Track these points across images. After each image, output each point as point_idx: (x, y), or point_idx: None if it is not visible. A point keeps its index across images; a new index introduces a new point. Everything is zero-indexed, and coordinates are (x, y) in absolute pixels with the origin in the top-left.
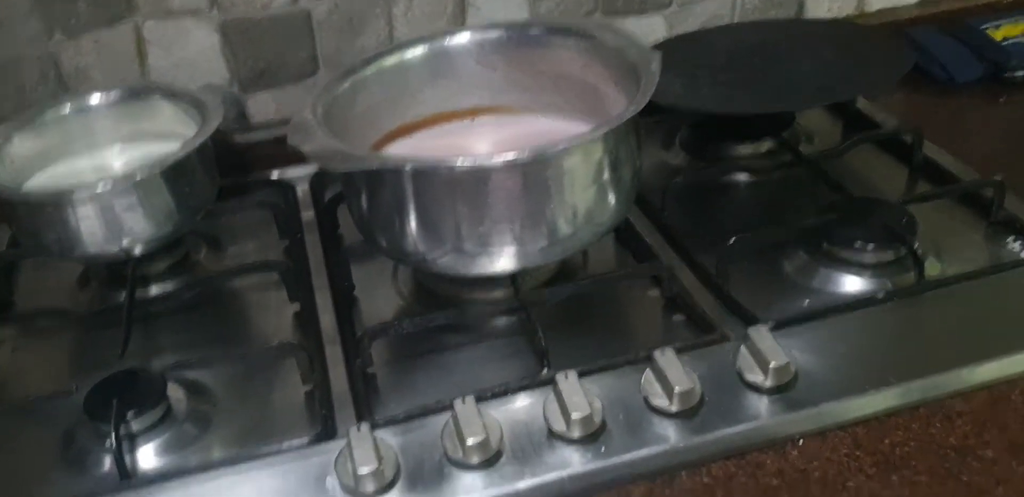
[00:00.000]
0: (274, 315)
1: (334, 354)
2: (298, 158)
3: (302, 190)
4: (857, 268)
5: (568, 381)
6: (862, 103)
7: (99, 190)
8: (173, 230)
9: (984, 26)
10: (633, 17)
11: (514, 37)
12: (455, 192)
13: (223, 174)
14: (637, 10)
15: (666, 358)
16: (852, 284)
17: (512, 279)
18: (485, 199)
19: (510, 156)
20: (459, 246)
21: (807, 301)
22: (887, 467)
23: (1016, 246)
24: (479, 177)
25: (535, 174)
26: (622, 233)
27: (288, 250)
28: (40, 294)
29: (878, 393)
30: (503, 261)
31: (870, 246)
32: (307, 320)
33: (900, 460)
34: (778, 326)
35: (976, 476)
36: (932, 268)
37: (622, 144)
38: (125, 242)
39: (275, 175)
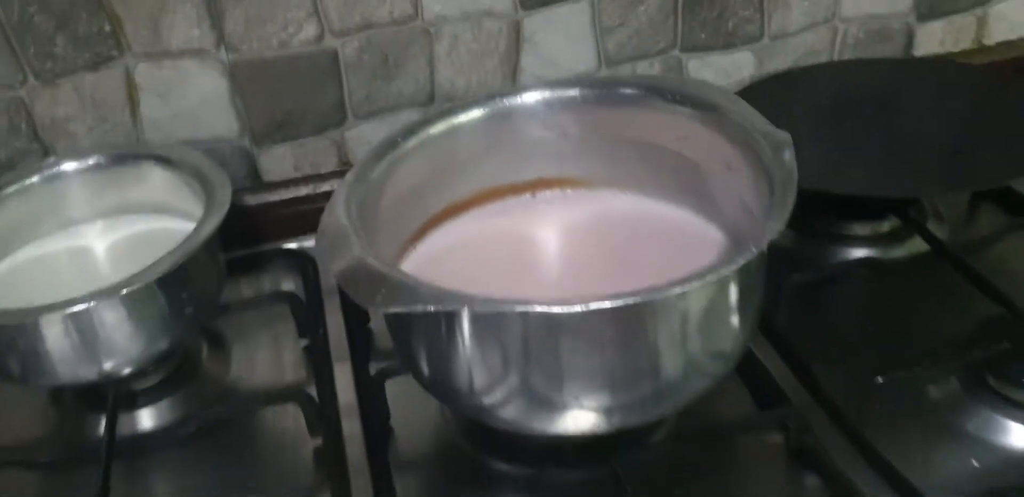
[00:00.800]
0: (291, 452)
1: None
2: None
3: (324, 263)
4: None
5: None
6: None
7: (75, 310)
8: (169, 345)
9: None
10: (718, 53)
11: (595, 95)
12: (524, 340)
13: (228, 245)
14: (723, 45)
15: None
16: None
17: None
18: (564, 349)
19: (596, 306)
20: (526, 402)
21: (974, 460)
22: None
23: None
24: (554, 326)
25: (632, 321)
26: (749, 374)
27: (309, 350)
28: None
29: None
30: (586, 421)
31: None
32: (332, 454)
33: None
34: None
35: None
36: None
37: (755, 269)
38: (107, 365)
39: (293, 244)
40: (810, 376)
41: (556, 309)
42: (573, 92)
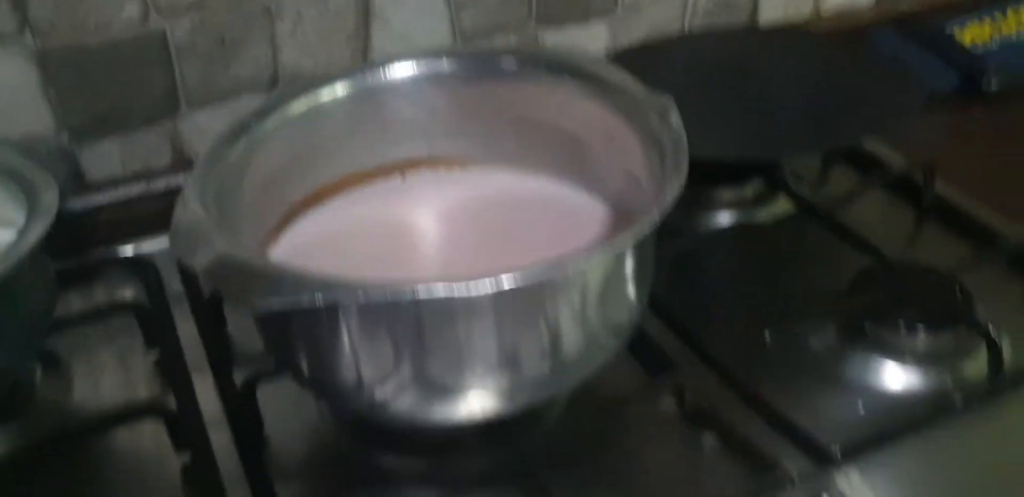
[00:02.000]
0: (154, 471)
1: None
2: (158, 225)
3: (166, 268)
4: (909, 357)
5: None
6: None
7: None
8: None
9: (949, 28)
10: (573, 26)
11: (465, 68)
12: (416, 327)
13: (54, 254)
14: (578, 17)
15: None
16: (906, 379)
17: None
18: (457, 334)
19: (500, 283)
20: (424, 391)
21: (859, 402)
22: None
23: None
24: (449, 310)
25: (526, 301)
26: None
27: (160, 364)
28: None
29: None
30: (481, 405)
31: (928, 330)
32: (203, 467)
33: None
34: (844, 453)
35: None
36: (1008, 353)
37: (650, 238)
38: None
39: (128, 250)
40: (696, 341)
41: (462, 291)
42: (441, 66)
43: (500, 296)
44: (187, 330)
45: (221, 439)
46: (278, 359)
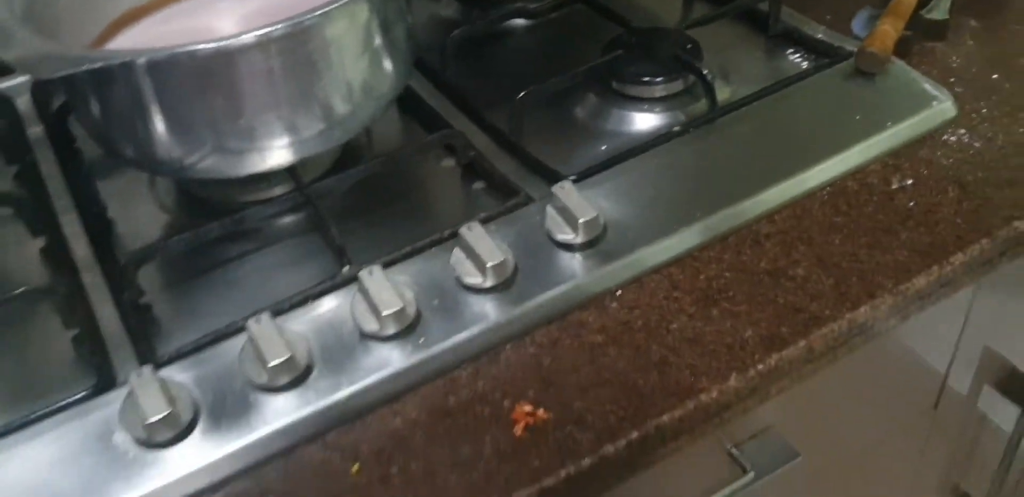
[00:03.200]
0: (14, 256)
1: (97, 289)
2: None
3: (23, 102)
4: (649, 104)
5: (373, 277)
6: None
7: None
8: None
9: None
10: None
11: None
12: (203, 83)
13: None
14: None
15: (473, 234)
16: (647, 121)
17: (291, 171)
18: (241, 87)
19: (260, 32)
20: (221, 145)
21: (604, 146)
22: (707, 302)
23: (797, 58)
24: (228, 62)
25: (295, 50)
26: (405, 102)
27: (19, 176)
28: None
29: (687, 230)
30: (277, 154)
31: (659, 79)
32: (57, 255)
33: (718, 293)
34: (580, 178)
35: (791, 296)
36: (722, 92)
37: (389, 1)
38: None
39: None
40: (471, 107)
41: (215, 45)
42: None
43: (263, 46)
44: (41, 144)
45: (72, 225)
46: (100, 141)
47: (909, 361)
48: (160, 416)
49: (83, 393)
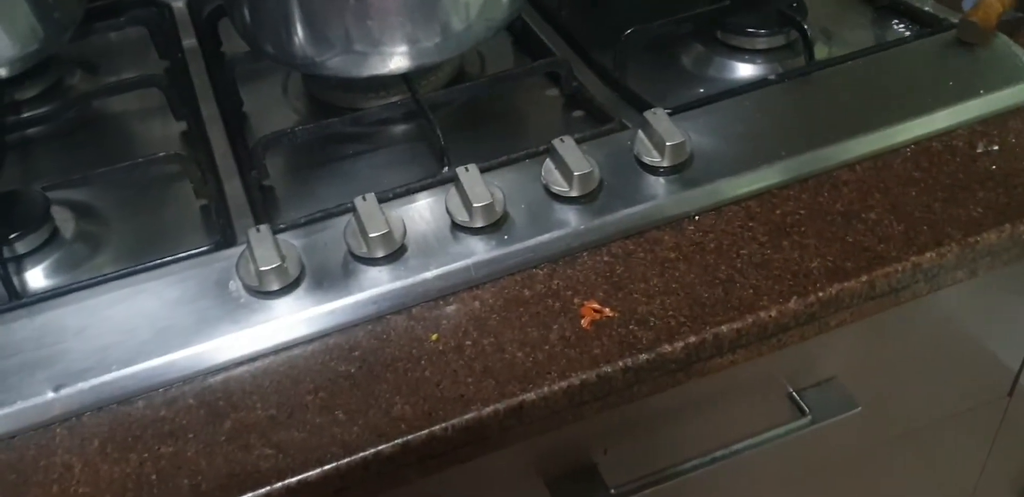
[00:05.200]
0: (160, 137)
1: (228, 169)
2: None
3: (178, 8)
4: (750, 55)
5: (469, 173)
6: None
7: None
8: (39, 48)
9: None
10: None
11: None
12: None
13: None
14: None
15: (565, 145)
16: (746, 71)
17: (407, 81)
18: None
19: None
20: (349, 46)
21: (702, 89)
22: (778, 234)
23: (900, 28)
24: None
25: None
26: (518, 35)
27: (169, 70)
28: None
29: (770, 167)
30: (396, 59)
31: (763, 32)
32: (196, 137)
33: (790, 227)
34: (675, 111)
35: (860, 236)
36: (821, 51)
37: None
38: None
39: None
40: (578, 43)
41: None
42: None
43: None
44: (191, 49)
45: (211, 114)
46: (248, 40)
47: (985, 344)
48: (272, 266)
49: (206, 248)
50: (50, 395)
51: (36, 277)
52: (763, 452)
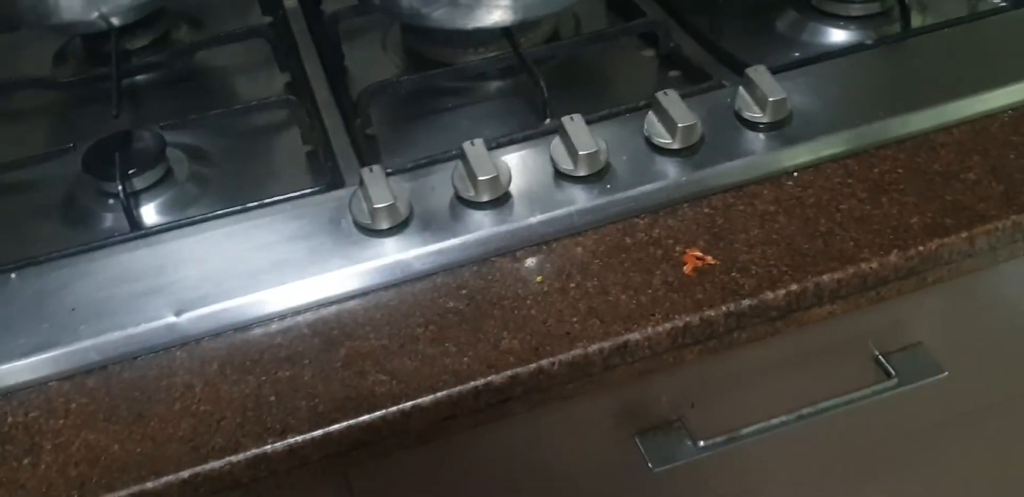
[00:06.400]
0: (264, 86)
1: (331, 118)
2: None
3: None
4: (845, 21)
5: (574, 123)
6: None
7: None
8: None
9: None
10: None
11: None
12: None
13: None
14: None
15: (669, 98)
16: (840, 36)
17: (509, 38)
18: None
19: None
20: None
21: (797, 53)
22: (877, 191)
23: (1000, 2)
24: None
25: None
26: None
27: (272, 25)
28: (14, 70)
29: (868, 127)
30: (501, 12)
31: None
32: (300, 87)
33: (889, 185)
34: (773, 72)
35: (959, 195)
36: (916, 19)
37: None
38: (103, 8)
39: None
40: (673, 6)
41: None
42: None
43: None
44: (291, 6)
45: (313, 67)
46: None
47: None
48: (384, 204)
49: (318, 188)
50: (171, 319)
51: (150, 212)
52: (848, 413)
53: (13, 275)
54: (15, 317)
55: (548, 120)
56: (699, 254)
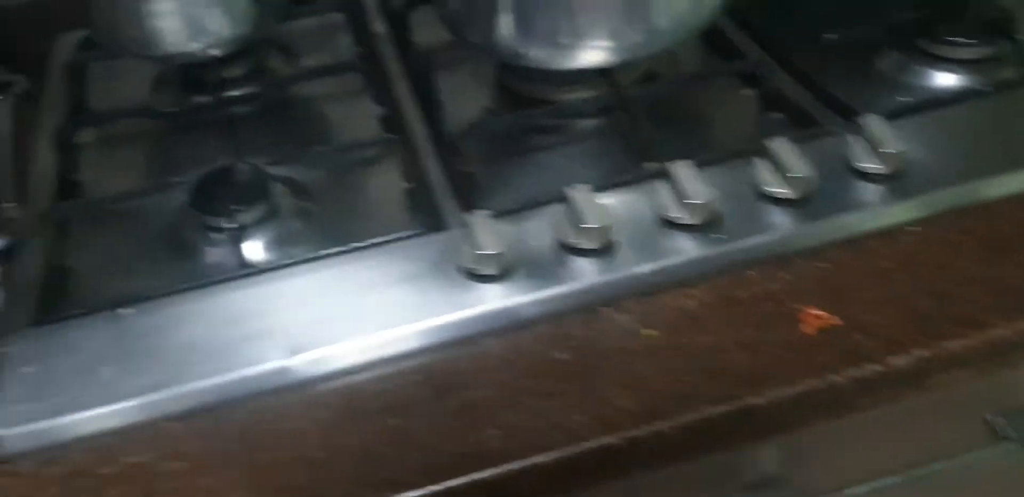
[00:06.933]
0: (359, 121)
1: (428, 155)
2: None
3: None
4: (954, 65)
5: (684, 168)
6: None
7: None
8: (252, 30)
9: None
10: None
11: None
12: None
13: None
14: None
15: (781, 146)
16: (947, 80)
17: (608, 77)
18: None
19: None
20: (555, 38)
21: (900, 97)
22: (995, 250)
23: None
24: None
25: None
26: (711, 37)
27: (364, 57)
28: (114, 99)
29: (985, 181)
30: (599, 53)
31: (972, 41)
32: (395, 122)
33: (1008, 243)
34: (887, 118)
35: None
36: None
37: None
38: (204, 41)
39: None
40: (772, 45)
41: None
42: None
43: None
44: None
45: (407, 102)
46: (451, 28)
47: None
48: (492, 252)
49: (419, 231)
50: (283, 362)
51: (256, 249)
52: (960, 474)
53: (127, 311)
54: (127, 355)
55: (650, 163)
56: (818, 312)
